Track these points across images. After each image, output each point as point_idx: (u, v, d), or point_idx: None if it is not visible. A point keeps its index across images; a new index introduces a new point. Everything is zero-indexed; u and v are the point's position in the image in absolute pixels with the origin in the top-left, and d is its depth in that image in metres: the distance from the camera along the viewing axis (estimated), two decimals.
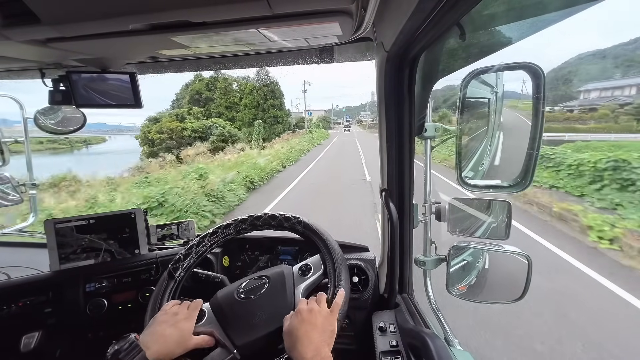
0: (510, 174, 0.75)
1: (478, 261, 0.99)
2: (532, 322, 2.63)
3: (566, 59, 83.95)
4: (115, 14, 0.57)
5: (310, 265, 0.84)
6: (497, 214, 0.91)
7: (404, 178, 0.94)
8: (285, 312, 0.72)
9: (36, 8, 0.55)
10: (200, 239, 0.86)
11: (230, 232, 0.88)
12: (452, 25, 0.56)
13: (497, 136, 0.87)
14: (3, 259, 1.17)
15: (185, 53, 0.88)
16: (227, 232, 0.88)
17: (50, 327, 1.01)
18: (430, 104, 0.86)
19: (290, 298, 0.77)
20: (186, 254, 0.84)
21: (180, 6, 0.55)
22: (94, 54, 0.86)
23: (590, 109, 36.25)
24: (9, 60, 0.88)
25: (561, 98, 46.46)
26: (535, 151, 0.66)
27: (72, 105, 1.00)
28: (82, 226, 1.09)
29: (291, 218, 0.88)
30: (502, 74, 0.79)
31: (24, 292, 1.01)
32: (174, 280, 0.81)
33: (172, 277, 0.81)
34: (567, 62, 71.71)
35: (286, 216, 0.89)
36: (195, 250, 0.85)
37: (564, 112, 38.78)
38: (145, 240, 1.17)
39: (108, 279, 1.08)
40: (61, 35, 0.64)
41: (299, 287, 0.80)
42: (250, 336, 0.70)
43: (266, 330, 0.71)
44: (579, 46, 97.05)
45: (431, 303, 0.98)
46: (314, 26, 0.67)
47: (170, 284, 0.81)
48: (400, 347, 0.85)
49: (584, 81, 52.74)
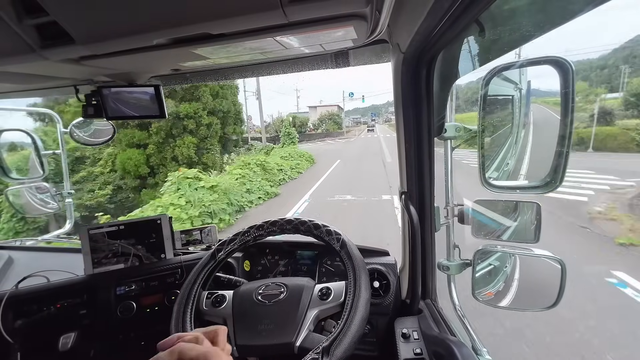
0: (538, 173, 0.71)
1: (506, 266, 0.95)
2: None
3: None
4: (140, 31, 0.60)
5: (331, 291, 0.81)
6: (526, 216, 0.86)
7: (424, 180, 0.92)
8: (289, 331, 0.72)
9: (71, 29, 0.59)
10: (247, 229, 0.92)
11: (275, 229, 0.92)
12: (470, 23, 0.54)
13: (522, 134, 0.83)
14: (43, 263, 1.26)
15: (206, 64, 0.91)
16: (272, 229, 0.92)
17: (85, 328, 1.07)
18: (450, 103, 0.84)
19: (300, 317, 0.75)
20: (232, 239, 0.91)
21: (200, 20, 0.57)
22: (122, 69, 0.91)
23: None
24: (47, 79, 0.95)
25: None
26: (566, 149, 0.63)
27: (103, 118, 1.06)
28: (112, 232, 1.15)
29: (332, 232, 0.88)
30: (526, 70, 0.76)
31: (62, 295, 1.07)
32: (214, 260, 0.88)
33: (214, 257, 0.88)
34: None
35: (328, 229, 0.89)
36: (240, 238, 0.91)
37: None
38: (171, 245, 1.22)
39: (136, 282, 1.13)
40: (93, 53, 0.69)
41: (313, 310, 0.78)
42: (250, 340, 0.72)
43: (266, 341, 0.71)
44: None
45: (456, 309, 0.95)
46: (329, 31, 0.67)
47: (211, 263, 0.88)
48: (424, 354, 0.82)
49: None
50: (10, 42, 0.62)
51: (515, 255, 0.89)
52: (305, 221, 0.91)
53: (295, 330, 0.72)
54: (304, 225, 0.90)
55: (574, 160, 7.48)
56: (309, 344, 0.70)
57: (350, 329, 0.69)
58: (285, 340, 0.71)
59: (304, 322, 0.74)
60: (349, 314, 0.72)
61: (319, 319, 0.78)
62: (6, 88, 1.10)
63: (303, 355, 0.65)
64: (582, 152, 14.03)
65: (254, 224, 0.94)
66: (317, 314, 0.77)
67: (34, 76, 0.88)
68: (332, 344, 0.66)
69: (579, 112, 15.55)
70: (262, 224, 0.93)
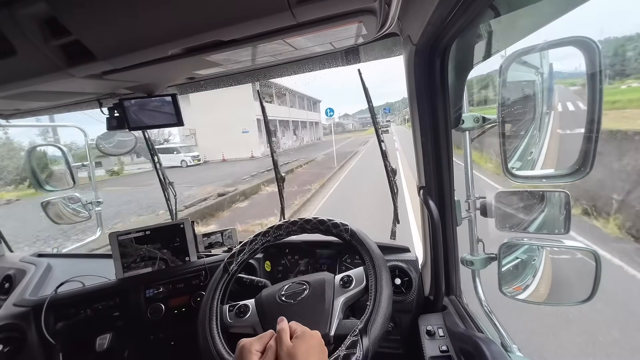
0: (566, 161, 0.67)
1: (534, 259, 0.91)
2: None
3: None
4: (156, 43, 0.63)
5: (352, 277, 0.82)
6: (553, 207, 0.82)
7: (443, 174, 0.89)
8: (322, 322, 0.72)
9: (92, 46, 0.62)
10: (253, 237, 0.93)
11: (281, 232, 0.93)
12: (484, 8, 0.52)
13: (546, 121, 0.79)
14: (78, 269, 1.33)
15: (219, 70, 0.93)
16: (278, 233, 0.93)
17: (119, 329, 1.13)
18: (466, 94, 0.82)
19: (328, 309, 0.76)
20: (240, 250, 0.92)
21: (211, 27, 0.59)
22: (140, 80, 0.95)
23: None
24: (73, 95, 1.01)
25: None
26: (595, 134, 0.59)
27: (125, 129, 1.11)
28: (139, 237, 1.20)
29: (339, 225, 0.89)
30: (547, 53, 0.72)
31: (97, 298, 1.13)
32: (227, 273, 0.89)
33: (226, 270, 0.89)
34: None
35: (334, 222, 0.90)
36: (249, 247, 0.92)
37: None
38: (194, 248, 1.26)
39: (164, 285, 1.18)
40: (113, 67, 0.72)
41: (339, 299, 0.78)
42: None
43: None
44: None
45: (483, 305, 0.92)
46: (338, 29, 0.67)
47: (225, 277, 0.88)
48: (451, 352, 0.80)
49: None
50: (39, 63, 0.66)
51: (544, 247, 0.85)
52: (325, 220, 0.91)
53: (327, 321, 0.73)
54: (323, 224, 0.91)
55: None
56: (343, 330, 0.71)
57: (380, 307, 0.72)
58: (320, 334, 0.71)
59: (333, 312, 0.75)
60: (375, 293, 0.74)
61: (347, 305, 0.79)
62: (36, 106, 1.17)
63: (339, 344, 0.66)
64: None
65: (273, 224, 0.95)
66: (344, 302, 0.78)
67: (61, 93, 0.94)
68: (367, 324, 0.69)
69: None
70: (281, 224, 0.94)
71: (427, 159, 0.89)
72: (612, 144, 4.87)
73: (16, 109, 1.18)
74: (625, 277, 2.91)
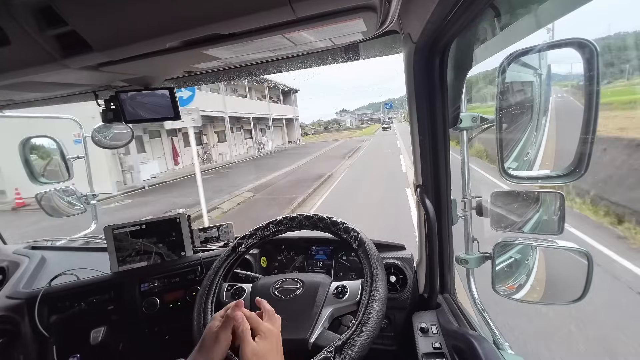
0: (561, 162, 0.68)
1: (528, 258, 0.92)
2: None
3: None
4: (153, 35, 0.62)
5: (347, 289, 0.81)
6: (548, 207, 0.83)
7: (440, 172, 0.90)
8: (304, 327, 0.72)
9: (89, 37, 0.61)
10: (267, 224, 0.94)
11: (294, 225, 0.94)
12: (485, 8, 0.52)
13: (543, 122, 0.80)
14: (72, 262, 1.32)
15: (217, 65, 0.93)
16: (291, 224, 0.94)
17: (114, 323, 1.13)
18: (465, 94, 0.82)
19: (315, 314, 0.75)
20: (252, 234, 0.93)
21: (209, 21, 0.58)
22: (137, 73, 0.94)
23: None
24: (68, 87, 0.99)
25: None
26: (591, 135, 0.60)
27: (121, 122, 1.10)
28: (135, 231, 1.19)
29: (350, 230, 0.87)
30: (546, 54, 0.72)
31: (91, 291, 1.13)
32: (235, 253, 0.91)
33: (234, 251, 0.91)
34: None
35: (346, 226, 0.88)
36: (260, 232, 0.93)
37: None
38: (190, 243, 1.26)
39: (159, 279, 1.17)
40: (110, 59, 0.71)
41: (328, 307, 0.77)
42: None
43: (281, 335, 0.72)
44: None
45: (476, 303, 0.93)
46: (338, 25, 0.67)
47: (232, 255, 0.91)
48: (444, 349, 0.81)
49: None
50: (33, 53, 0.65)
51: (537, 247, 0.86)
52: (324, 217, 0.91)
53: (310, 326, 0.72)
54: (322, 222, 0.90)
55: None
56: (323, 341, 0.70)
57: (364, 330, 0.68)
58: (300, 336, 0.71)
59: (318, 319, 0.74)
60: (363, 314, 0.71)
61: (333, 317, 0.77)
62: (31, 97, 1.15)
63: (317, 352, 0.65)
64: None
65: (273, 219, 0.95)
66: (332, 312, 0.77)
67: (56, 84, 0.92)
68: (345, 343, 0.66)
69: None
70: (281, 219, 0.94)
71: (425, 158, 0.89)
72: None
73: (10, 100, 1.17)
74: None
